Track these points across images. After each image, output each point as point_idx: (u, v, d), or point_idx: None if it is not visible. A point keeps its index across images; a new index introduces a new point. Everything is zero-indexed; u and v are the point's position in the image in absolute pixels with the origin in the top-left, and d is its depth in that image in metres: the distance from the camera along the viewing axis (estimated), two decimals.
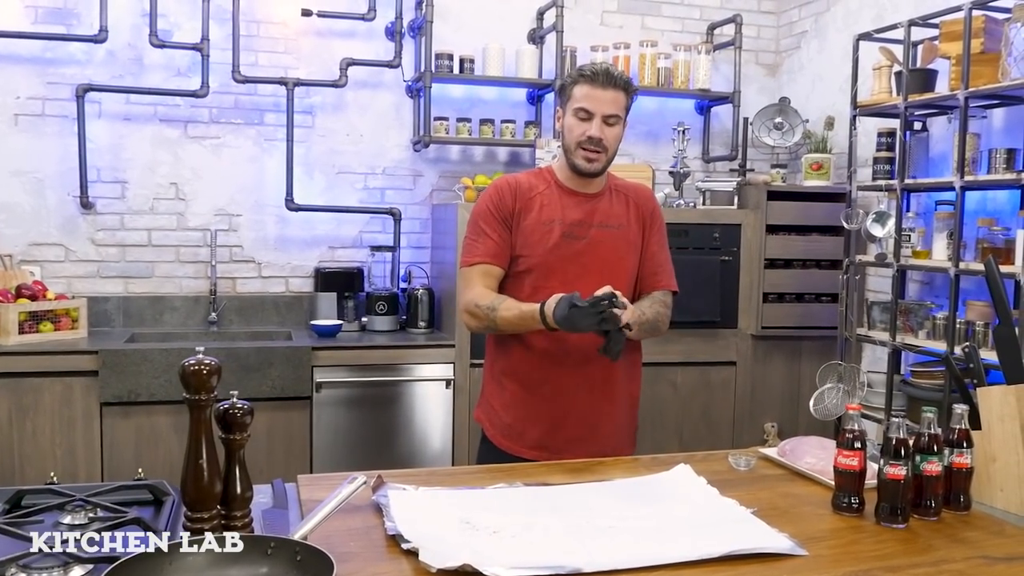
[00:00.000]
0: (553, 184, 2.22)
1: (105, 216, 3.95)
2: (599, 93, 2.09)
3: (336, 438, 3.70)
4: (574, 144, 2.13)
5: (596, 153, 2.11)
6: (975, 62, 3.06)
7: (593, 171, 2.14)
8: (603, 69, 2.11)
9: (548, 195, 2.20)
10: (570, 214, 2.18)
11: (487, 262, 2.18)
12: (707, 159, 4.65)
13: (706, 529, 1.52)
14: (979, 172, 3.15)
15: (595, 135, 2.09)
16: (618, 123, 2.14)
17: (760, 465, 1.97)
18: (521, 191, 2.19)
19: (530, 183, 2.22)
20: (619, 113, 2.13)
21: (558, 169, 2.24)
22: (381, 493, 1.65)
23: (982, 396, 1.78)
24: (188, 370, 1.38)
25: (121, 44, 3.91)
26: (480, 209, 2.22)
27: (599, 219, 2.19)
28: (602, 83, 2.09)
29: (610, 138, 2.12)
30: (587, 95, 2.10)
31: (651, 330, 2.22)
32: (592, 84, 2.09)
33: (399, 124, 4.27)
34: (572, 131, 2.12)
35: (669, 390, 4.01)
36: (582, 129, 2.10)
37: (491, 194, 2.21)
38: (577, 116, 2.11)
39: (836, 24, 4.27)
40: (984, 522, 1.64)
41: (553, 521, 1.54)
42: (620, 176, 4.22)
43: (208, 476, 1.38)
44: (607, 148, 2.12)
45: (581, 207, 2.19)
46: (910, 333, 3.44)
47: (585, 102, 2.10)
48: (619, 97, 2.12)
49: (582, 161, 2.13)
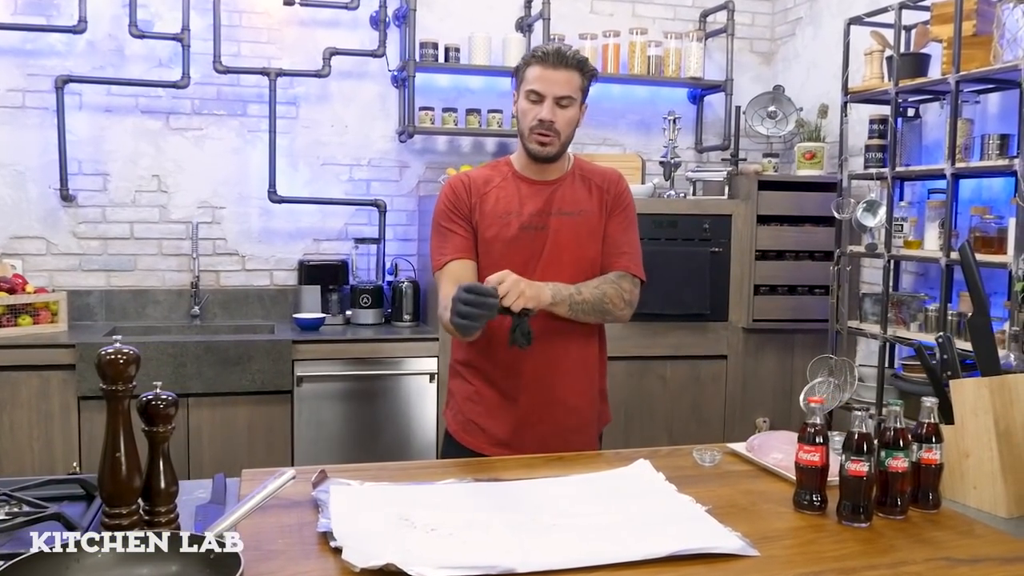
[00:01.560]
0: (510, 175, 2.14)
1: (87, 209, 3.91)
2: (550, 74, 2.00)
3: (319, 433, 3.64)
4: (527, 129, 2.05)
5: (548, 136, 2.02)
6: (967, 45, 2.96)
7: (546, 155, 2.06)
8: (554, 49, 2.02)
9: (504, 187, 2.12)
10: (528, 204, 2.10)
11: (459, 257, 2.09)
12: (700, 149, 4.57)
13: (654, 528, 1.45)
14: (972, 159, 3.06)
15: (546, 117, 2.00)
16: (572, 104, 2.03)
17: (727, 461, 1.90)
18: (475, 186, 2.12)
19: (484, 177, 2.14)
20: (572, 94, 2.02)
21: (515, 159, 2.16)
22: (322, 488, 1.59)
23: (955, 389, 1.70)
24: (104, 359, 1.32)
25: (101, 35, 3.86)
26: (438, 210, 2.14)
27: (558, 206, 2.10)
28: (553, 63, 2.00)
29: (563, 121, 2.03)
30: (538, 76, 2.01)
31: (593, 311, 2.07)
32: (543, 65, 2.00)
33: (384, 115, 4.21)
34: (525, 115, 2.05)
35: (658, 384, 3.94)
36: (534, 112, 2.02)
37: (446, 193, 2.14)
38: (529, 99, 2.03)
39: (831, 9, 4.17)
40: (953, 521, 1.56)
41: (496, 518, 1.47)
42: (609, 165, 4.17)
43: (126, 470, 1.33)
44: (560, 131, 2.03)
45: (539, 195, 2.11)
46: (902, 325, 3.35)
47: (536, 84, 2.01)
48: (572, 77, 2.02)
49: (535, 145, 2.05)
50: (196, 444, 3.47)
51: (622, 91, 4.47)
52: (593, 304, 2.06)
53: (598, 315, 2.09)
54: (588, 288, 2.06)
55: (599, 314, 2.09)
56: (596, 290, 2.07)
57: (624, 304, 2.12)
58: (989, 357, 1.70)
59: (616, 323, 2.18)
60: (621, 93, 4.47)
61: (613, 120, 4.49)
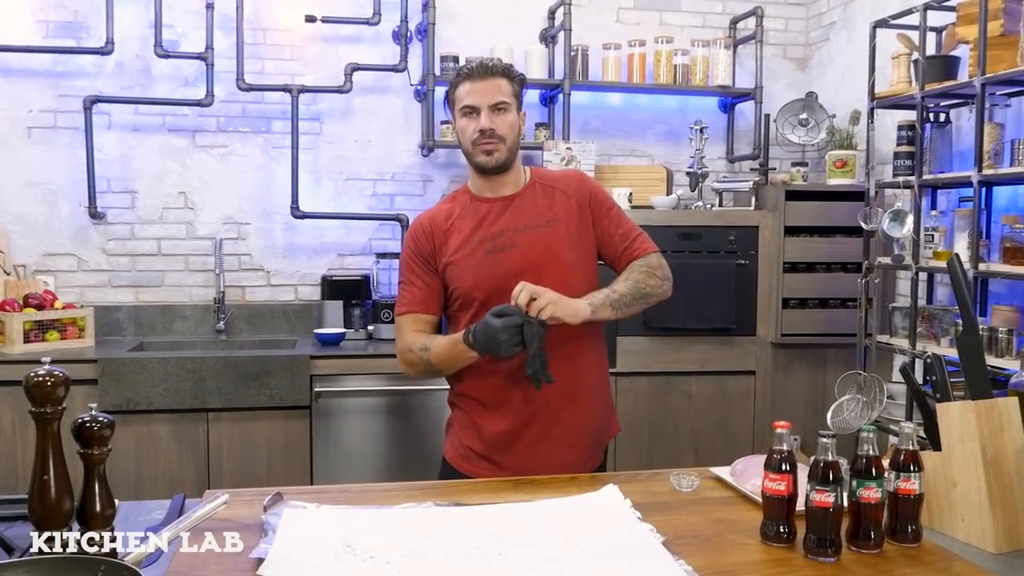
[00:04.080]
0: (468, 202, 2.12)
1: (115, 226, 3.98)
2: (479, 85, 2.02)
3: (338, 449, 3.63)
4: (470, 144, 2.04)
5: (493, 144, 2.02)
6: (994, 46, 2.82)
7: (496, 163, 2.04)
8: (476, 64, 2.05)
9: (464, 216, 2.10)
10: (490, 226, 2.06)
11: (414, 311, 2.12)
12: (731, 159, 4.45)
13: (600, 560, 1.38)
14: (1002, 165, 2.91)
15: (485, 126, 2.01)
16: (509, 109, 2.04)
17: (706, 486, 1.82)
18: (436, 226, 2.11)
19: (446, 212, 2.13)
20: (505, 99, 2.03)
21: (470, 182, 2.15)
22: (273, 512, 1.56)
23: (941, 413, 1.59)
24: (31, 382, 1.31)
25: (129, 55, 3.94)
26: (402, 257, 2.17)
27: (523, 222, 2.06)
28: (480, 74, 2.03)
29: (503, 126, 2.02)
30: (468, 91, 2.03)
31: (635, 301, 2.06)
32: (470, 79, 2.03)
33: (408, 129, 4.20)
34: (465, 132, 2.05)
35: (683, 400, 3.83)
36: (473, 125, 2.03)
37: (407, 241, 2.16)
38: (465, 115, 2.04)
39: (864, 13, 4.03)
40: (932, 557, 1.45)
41: (440, 547, 1.43)
42: (633, 177, 4.10)
43: (55, 493, 1.31)
44: (503, 136, 2.03)
45: (501, 215, 2.07)
46: (933, 340, 3.20)
47: (468, 99, 2.03)
48: (500, 84, 2.03)
49: (482, 157, 2.03)
50: (216, 459, 3.49)
51: (649, 101, 4.39)
52: (633, 294, 2.05)
53: (642, 301, 2.08)
54: (620, 283, 2.06)
55: (643, 300, 2.08)
56: (628, 281, 2.06)
57: (660, 279, 2.12)
58: (979, 379, 1.59)
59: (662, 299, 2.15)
60: (648, 103, 4.39)
61: (640, 131, 4.41)
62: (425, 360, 2.07)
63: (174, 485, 3.41)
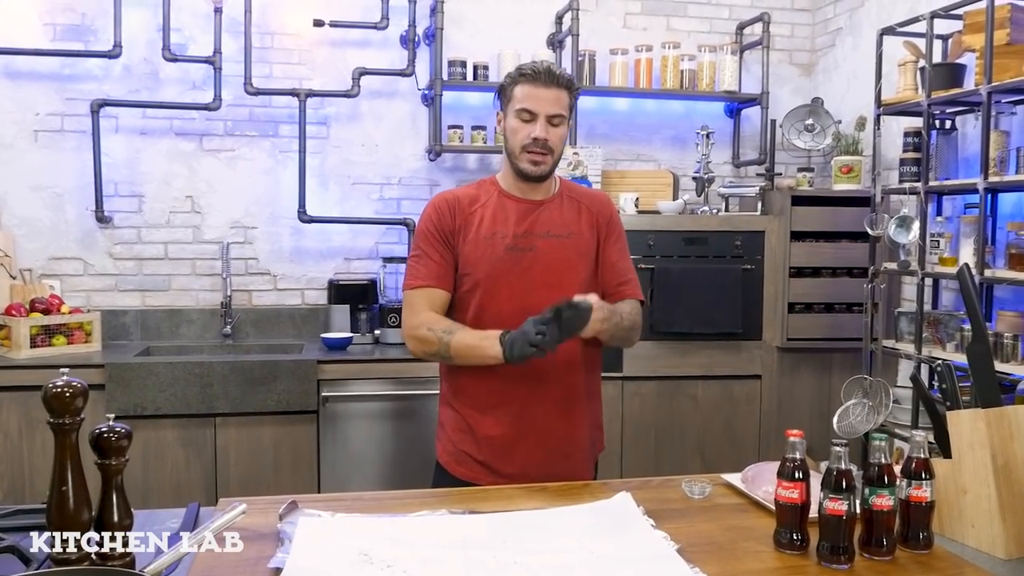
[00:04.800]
0: (496, 194, 2.11)
1: (122, 230, 3.99)
2: (542, 92, 2.00)
3: (345, 452, 3.64)
4: (518, 147, 2.03)
5: (542, 155, 2.02)
6: (1000, 54, 2.83)
7: (540, 174, 2.04)
8: (544, 67, 2.01)
9: (491, 207, 2.09)
10: (515, 225, 2.07)
11: (431, 285, 2.07)
12: (737, 164, 4.46)
13: (616, 567, 1.39)
14: (1008, 172, 2.91)
15: (540, 136, 2.00)
16: (563, 123, 2.04)
17: (718, 493, 1.83)
18: (461, 206, 2.09)
19: (471, 196, 2.11)
20: (563, 112, 2.03)
21: (502, 178, 2.13)
22: (289, 521, 1.57)
23: (952, 421, 1.60)
24: (50, 393, 1.32)
25: (136, 59, 3.95)
26: (420, 229, 2.12)
27: (546, 228, 2.08)
28: (544, 82, 2.00)
29: (555, 139, 2.03)
30: (529, 95, 2.00)
31: (625, 339, 2.12)
32: (534, 83, 2.00)
33: (415, 133, 4.21)
34: (516, 134, 2.03)
35: (690, 405, 3.84)
36: (526, 131, 2.01)
37: (429, 213, 2.11)
38: (520, 118, 2.02)
39: (871, 19, 4.04)
40: (943, 564, 1.47)
41: (455, 555, 1.43)
42: (640, 182, 4.11)
43: (75, 504, 1.32)
44: (553, 149, 2.03)
45: (527, 216, 2.08)
46: (939, 345, 3.21)
47: (527, 102, 2.00)
48: (562, 96, 2.02)
49: (528, 165, 2.03)
50: (223, 464, 3.50)
51: (656, 106, 4.40)
52: (628, 330, 2.09)
53: (625, 341, 2.14)
54: (625, 315, 2.07)
55: (626, 341, 2.14)
56: (629, 317, 2.08)
57: (639, 331, 2.17)
58: (988, 387, 1.60)
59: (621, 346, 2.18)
60: (655, 108, 4.41)
61: (647, 136, 4.42)
62: (444, 343, 2.01)
63: (181, 490, 3.42)
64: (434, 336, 2.03)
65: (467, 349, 2.00)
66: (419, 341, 2.06)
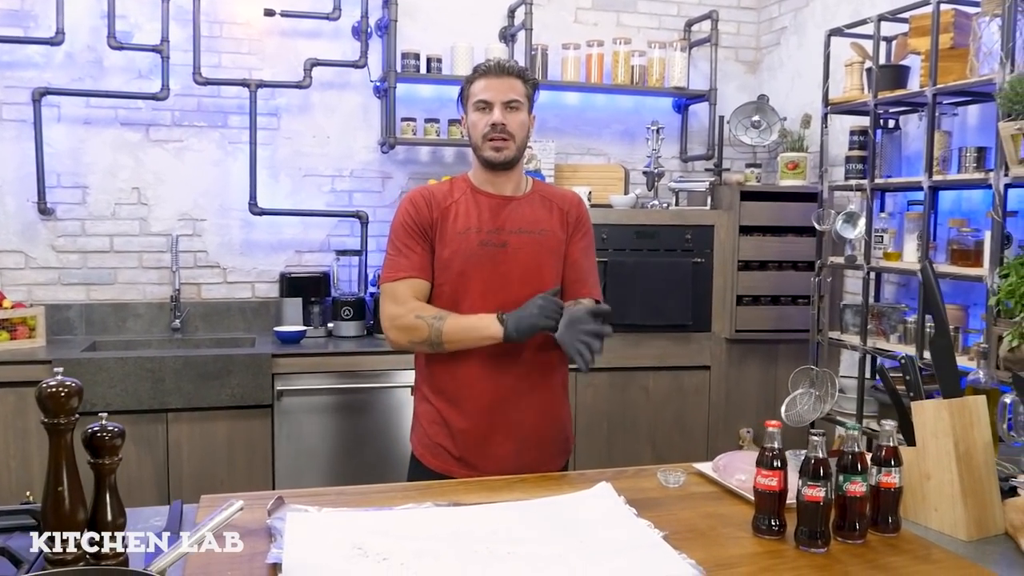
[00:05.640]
0: (468, 191, 2.14)
1: (66, 222, 3.89)
2: (494, 82, 2.07)
3: (300, 447, 3.62)
4: (480, 138, 2.08)
5: (503, 140, 2.06)
6: (944, 58, 2.96)
7: (504, 159, 2.08)
8: (495, 61, 2.11)
9: (464, 203, 2.12)
10: (487, 221, 2.10)
11: (415, 276, 2.09)
12: (685, 158, 4.55)
13: (607, 556, 1.43)
14: (950, 171, 3.04)
15: (498, 120, 2.05)
16: (521, 108, 2.09)
17: (691, 482, 1.88)
18: (436, 201, 2.11)
19: (445, 191, 2.14)
20: (519, 98, 2.08)
21: (473, 175, 2.17)
22: (278, 516, 1.57)
23: (916, 410, 1.68)
24: (45, 393, 1.31)
25: (80, 46, 3.84)
26: (397, 224, 2.13)
27: (518, 224, 2.11)
28: (496, 73, 2.08)
29: (514, 124, 2.07)
30: (483, 87, 2.08)
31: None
32: (487, 76, 2.08)
33: (367, 125, 4.20)
34: (476, 126, 2.08)
35: (641, 395, 3.92)
36: (485, 120, 2.06)
37: (406, 208, 2.12)
38: (478, 109, 2.08)
39: (815, 19, 4.16)
40: (912, 545, 1.54)
41: (448, 547, 1.46)
42: (592, 176, 4.16)
43: (70, 504, 1.31)
44: (513, 134, 2.07)
45: (499, 212, 2.11)
46: (882, 337, 3.34)
47: (483, 93, 2.07)
48: (516, 84, 2.08)
49: (491, 152, 2.07)
50: (176, 460, 3.45)
51: (606, 101, 4.46)
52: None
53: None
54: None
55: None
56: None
57: None
58: (950, 379, 1.68)
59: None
60: (605, 103, 4.46)
61: (597, 130, 4.48)
62: (436, 329, 2.02)
63: (132, 488, 3.35)
64: (424, 323, 2.04)
65: (462, 331, 2.02)
66: (405, 330, 2.06)
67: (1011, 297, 2.51)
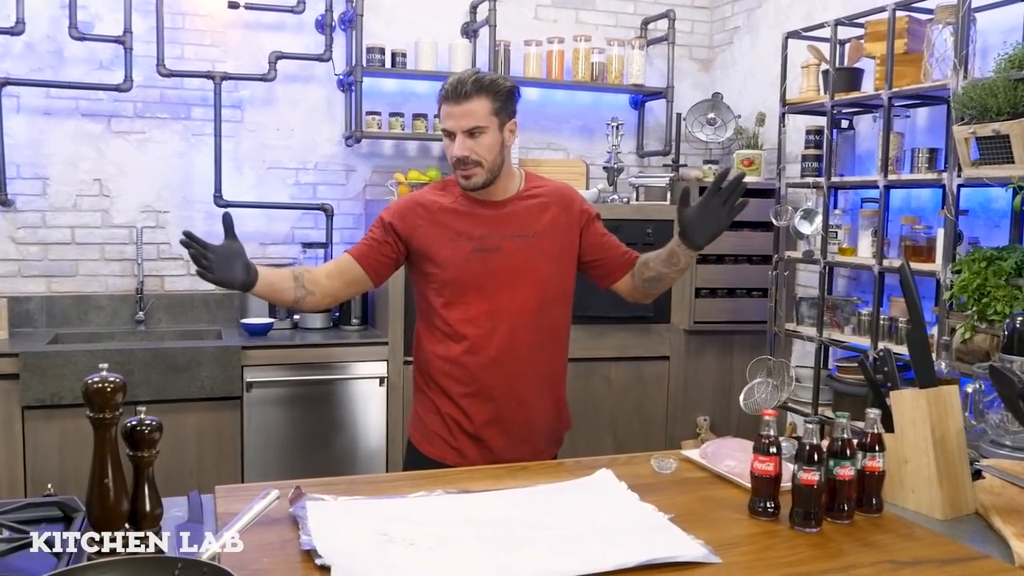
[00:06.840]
0: (459, 196, 2.16)
1: (26, 214, 3.83)
2: (454, 110, 2.03)
3: (268, 439, 3.64)
4: (451, 163, 2.10)
5: (469, 168, 2.06)
6: (899, 62, 3.11)
7: (473, 186, 2.09)
8: (453, 83, 2.03)
9: (455, 209, 2.15)
10: (480, 226, 2.13)
11: (351, 255, 2.15)
12: (641, 154, 4.68)
13: (622, 537, 1.52)
14: (902, 171, 3.21)
15: (459, 154, 2.05)
16: (486, 131, 2.04)
17: (682, 468, 1.98)
18: (419, 211, 2.15)
19: (437, 201, 2.16)
20: (480, 123, 2.02)
21: None
22: (299, 505, 1.63)
23: (895, 399, 1.81)
24: (92, 388, 1.35)
25: (40, 36, 3.78)
26: (379, 215, 2.19)
27: (512, 228, 2.14)
28: (454, 98, 2.02)
29: (481, 149, 2.04)
30: (445, 115, 2.06)
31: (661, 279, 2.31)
32: (446, 102, 2.04)
33: (331, 119, 4.21)
34: (447, 151, 2.10)
35: (603, 385, 4.04)
36: (451, 149, 2.07)
37: (392, 209, 2.18)
38: (446, 135, 2.08)
39: (768, 21, 4.31)
40: (895, 524, 1.67)
41: (468, 532, 1.53)
42: (555, 171, 4.24)
43: (115, 495, 1.35)
44: (480, 160, 2.05)
45: (491, 217, 2.14)
46: (837, 328, 3.50)
47: (445, 122, 2.06)
48: (476, 106, 2.01)
49: (461, 180, 2.10)
50: None
51: (566, 96, 4.55)
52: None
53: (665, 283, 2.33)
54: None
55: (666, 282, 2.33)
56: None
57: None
58: (926, 370, 1.81)
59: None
60: (565, 98, 4.55)
61: (557, 125, 4.56)
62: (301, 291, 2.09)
63: None
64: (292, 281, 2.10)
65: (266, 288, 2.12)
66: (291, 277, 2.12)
67: (964, 292, 2.67)
